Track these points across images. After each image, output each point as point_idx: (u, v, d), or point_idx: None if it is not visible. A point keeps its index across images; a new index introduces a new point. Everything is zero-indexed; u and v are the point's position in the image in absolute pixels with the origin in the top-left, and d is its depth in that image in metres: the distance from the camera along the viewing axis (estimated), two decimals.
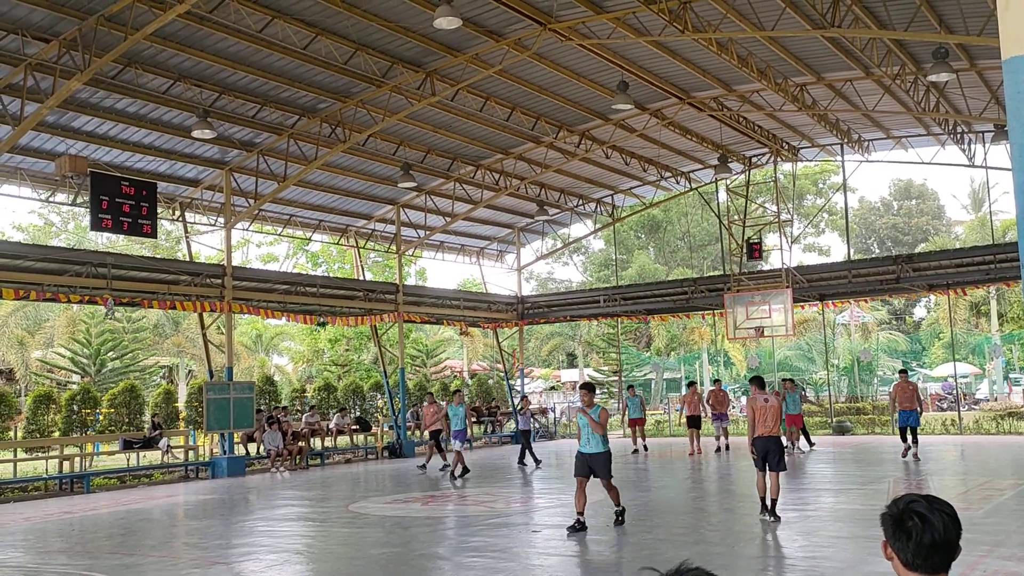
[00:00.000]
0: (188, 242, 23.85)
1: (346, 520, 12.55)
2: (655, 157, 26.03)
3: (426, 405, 20.63)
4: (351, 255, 31.52)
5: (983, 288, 34.25)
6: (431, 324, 33.64)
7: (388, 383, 26.61)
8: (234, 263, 22.64)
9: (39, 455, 20.66)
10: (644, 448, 22.50)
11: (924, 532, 2.30)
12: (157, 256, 33.70)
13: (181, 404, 25.61)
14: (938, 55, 16.25)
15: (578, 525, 10.25)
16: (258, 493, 16.74)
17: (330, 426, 24.33)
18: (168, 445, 20.51)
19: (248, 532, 11.95)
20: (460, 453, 17.62)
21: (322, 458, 23.16)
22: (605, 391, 44.14)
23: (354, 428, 25.00)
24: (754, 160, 27.23)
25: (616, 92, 18.77)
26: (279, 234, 28.89)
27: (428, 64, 18.20)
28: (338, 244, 28.95)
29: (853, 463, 18.69)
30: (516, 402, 31.03)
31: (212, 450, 21.66)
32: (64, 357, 33.13)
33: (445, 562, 9.03)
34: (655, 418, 34.51)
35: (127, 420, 21.80)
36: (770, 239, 30.82)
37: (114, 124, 18.20)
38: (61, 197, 20.64)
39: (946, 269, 24.66)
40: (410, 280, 39.17)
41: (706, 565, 2.02)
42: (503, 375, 32.48)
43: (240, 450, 22.08)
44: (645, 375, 45.71)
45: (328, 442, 24.21)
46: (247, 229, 26.35)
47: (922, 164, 26.71)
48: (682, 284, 29.34)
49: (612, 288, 30.94)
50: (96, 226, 18.11)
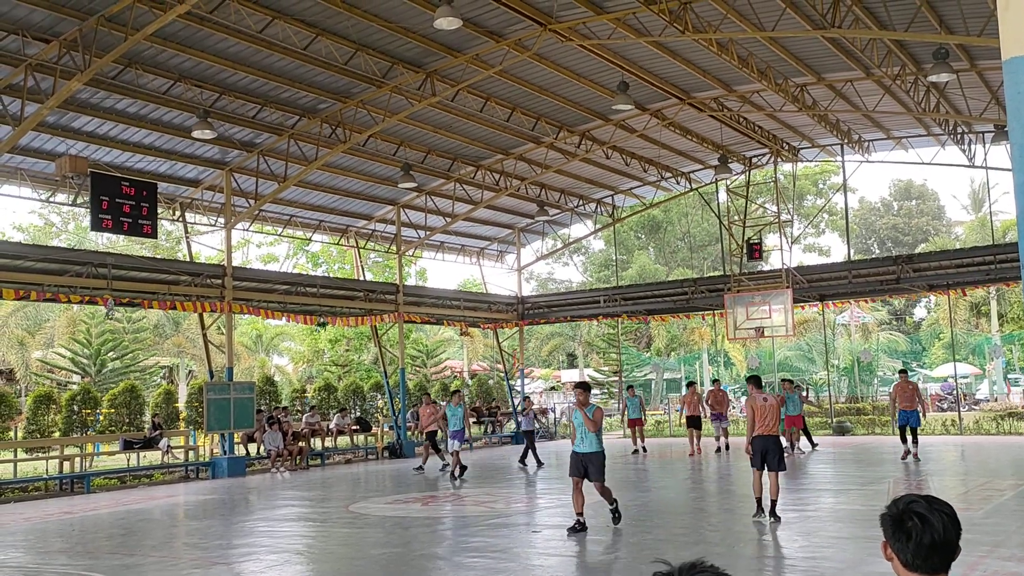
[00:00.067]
0: (188, 242, 23.88)
1: (346, 520, 12.56)
2: (655, 157, 26.03)
3: (423, 406, 20.63)
4: (351, 255, 31.52)
5: (983, 288, 34.28)
6: (431, 324, 33.65)
7: (388, 383, 26.62)
8: (234, 263, 22.66)
9: (39, 455, 20.67)
10: (643, 449, 22.48)
11: (924, 532, 2.31)
12: (157, 256, 33.72)
13: (181, 404, 25.62)
14: (938, 55, 16.25)
15: (578, 526, 10.25)
16: (258, 493, 16.74)
17: (330, 426, 24.34)
18: (168, 445, 20.51)
19: (248, 532, 11.95)
20: (454, 453, 17.63)
21: (322, 458, 23.17)
22: (605, 391, 44.16)
23: (354, 428, 25.01)
24: (754, 160, 27.24)
25: (616, 92, 18.77)
26: (279, 234, 28.91)
27: (428, 64, 18.21)
28: (338, 244, 28.96)
29: (853, 463, 18.69)
30: (516, 403, 31.04)
31: (212, 450, 21.67)
32: (64, 357, 33.14)
33: (445, 562, 9.03)
34: (655, 418, 34.51)
35: (127, 420, 21.81)
36: (770, 239, 30.83)
37: (114, 124, 18.21)
38: (61, 197, 20.65)
39: (946, 269, 24.67)
40: (410, 280, 39.18)
41: None
42: (503, 375, 32.49)
43: (240, 450, 22.09)
44: (645, 375, 45.71)
45: (328, 442, 24.22)
46: (247, 229, 26.36)
47: (922, 164, 26.78)
48: (682, 284, 29.34)
49: (612, 288, 30.94)
50: (96, 226, 18.12)
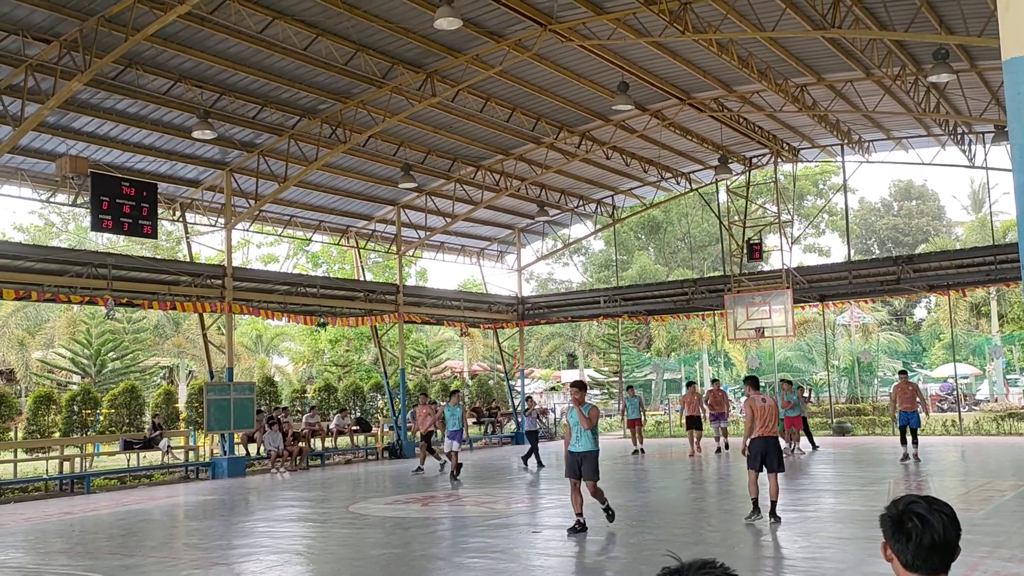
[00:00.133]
0: (188, 243, 23.88)
1: (346, 521, 12.56)
2: (655, 158, 26.03)
3: (419, 406, 20.59)
4: (351, 256, 31.52)
5: (983, 289, 34.28)
6: (431, 325, 33.66)
7: (388, 384, 26.62)
8: (234, 264, 22.66)
9: (39, 456, 20.68)
10: (641, 451, 22.51)
11: (924, 533, 2.30)
12: (157, 257, 33.73)
13: (181, 405, 25.62)
14: (938, 56, 16.25)
15: (578, 526, 10.26)
16: (258, 494, 16.74)
17: (330, 427, 24.33)
18: (168, 446, 20.51)
19: (248, 533, 11.95)
20: (452, 453, 17.53)
21: (322, 459, 23.17)
22: (605, 392, 44.17)
23: (354, 429, 25.00)
24: (754, 161, 27.24)
25: (616, 93, 18.77)
26: (279, 235, 28.92)
27: (428, 65, 18.21)
28: (338, 245, 28.96)
29: (853, 464, 18.69)
30: (516, 403, 31.04)
31: (212, 451, 21.67)
32: (64, 358, 33.14)
33: (445, 563, 9.02)
34: (655, 419, 34.52)
35: (127, 421, 21.82)
36: (770, 240, 30.83)
37: (115, 125, 18.21)
38: (61, 198, 20.65)
39: (946, 270, 24.66)
40: (410, 281, 39.19)
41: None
42: (503, 376, 32.48)
43: (240, 451, 22.08)
44: (645, 376, 45.72)
45: (328, 443, 24.21)
46: (247, 230, 26.37)
47: (922, 165, 26.79)
48: (682, 285, 29.32)
49: (612, 289, 30.93)
50: (96, 227, 18.12)
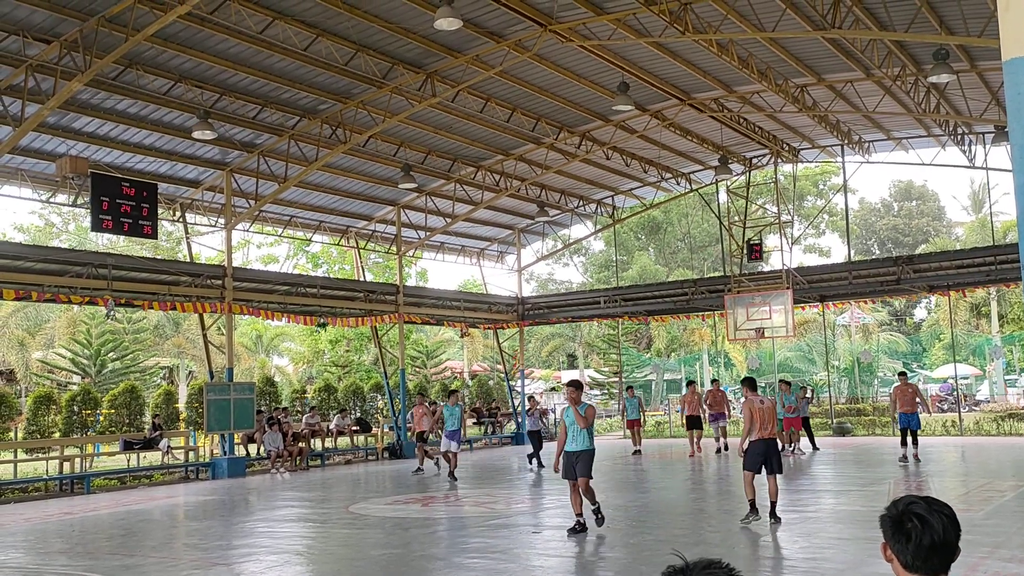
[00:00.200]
0: (188, 243, 23.89)
1: (346, 521, 12.56)
2: (655, 158, 26.03)
3: (416, 406, 20.54)
4: (351, 256, 31.52)
5: (983, 289, 34.28)
6: (431, 325, 33.66)
7: (388, 384, 26.62)
8: (234, 264, 22.66)
9: (39, 456, 20.68)
10: (638, 451, 22.53)
11: (923, 534, 2.30)
12: (158, 257, 33.74)
13: (181, 405, 25.62)
14: (939, 56, 16.24)
15: (578, 527, 10.26)
16: (258, 494, 16.74)
17: (330, 427, 24.33)
18: (168, 446, 20.51)
19: (248, 533, 11.95)
20: (451, 454, 17.46)
21: (322, 459, 23.16)
22: (605, 392, 44.17)
23: (354, 429, 25.00)
24: (754, 161, 27.23)
25: (617, 93, 18.76)
26: (279, 235, 28.92)
27: (429, 65, 18.21)
28: (338, 245, 28.96)
29: (853, 464, 18.69)
30: (516, 403, 31.03)
31: (212, 451, 21.66)
32: (64, 358, 33.16)
33: (445, 563, 9.02)
34: (655, 419, 34.52)
35: (127, 421, 21.82)
36: (770, 240, 30.81)
37: (115, 125, 18.21)
38: (62, 198, 20.64)
39: (946, 270, 24.65)
40: (410, 281, 39.19)
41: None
42: (503, 376, 32.48)
43: (240, 451, 22.08)
44: (645, 376, 45.71)
45: (328, 443, 24.20)
46: (247, 230, 26.38)
47: (922, 165, 26.77)
48: (682, 285, 29.30)
49: (612, 289, 30.92)
50: (97, 227, 18.11)
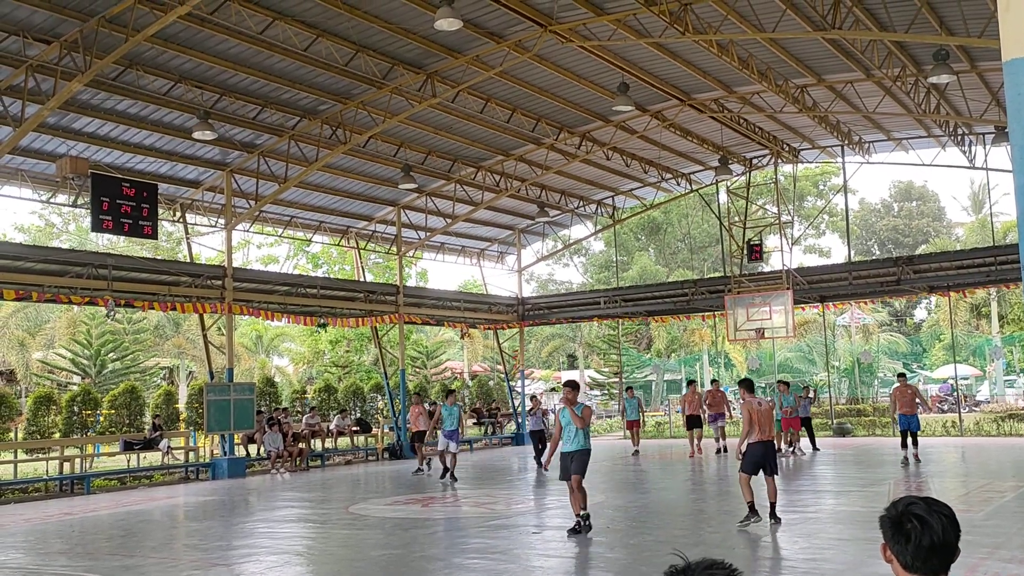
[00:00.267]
0: (189, 243, 23.90)
1: (346, 522, 12.56)
2: (656, 159, 26.03)
3: (412, 406, 20.51)
4: (352, 256, 31.51)
5: (983, 290, 34.27)
6: (431, 326, 33.65)
7: (388, 384, 26.62)
8: (235, 264, 22.65)
9: (39, 456, 20.68)
10: (636, 452, 22.53)
11: (923, 534, 2.30)
12: (158, 257, 33.73)
13: (182, 405, 25.62)
14: (939, 57, 16.25)
15: (578, 527, 10.26)
16: (258, 494, 16.74)
17: (330, 427, 24.32)
18: (168, 446, 20.51)
19: (248, 534, 11.95)
20: (449, 454, 17.36)
21: (322, 459, 23.16)
22: (606, 392, 44.17)
23: (354, 429, 24.99)
24: (755, 162, 27.23)
25: (617, 94, 18.76)
26: (280, 235, 28.91)
27: (429, 66, 18.21)
28: (339, 245, 28.95)
29: (854, 465, 18.69)
30: (516, 404, 31.02)
31: (212, 451, 21.66)
32: (65, 358, 33.16)
33: (445, 564, 9.02)
34: (655, 419, 34.52)
35: (127, 421, 21.81)
36: (770, 241, 30.80)
37: (115, 125, 18.21)
38: (62, 198, 20.64)
39: (946, 271, 24.65)
40: (411, 281, 39.18)
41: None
42: (503, 376, 32.48)
43: (240, 451, 22.07)
44: (645, 377, 45.71)
45: (328, 443, 24.20)
46: (248, 230, 26.38)
47: (922, 166, 26.73)
48: (682, 286, 29.29)
49: (612, 290, 30.92)
50: (97, 227, 18.12)
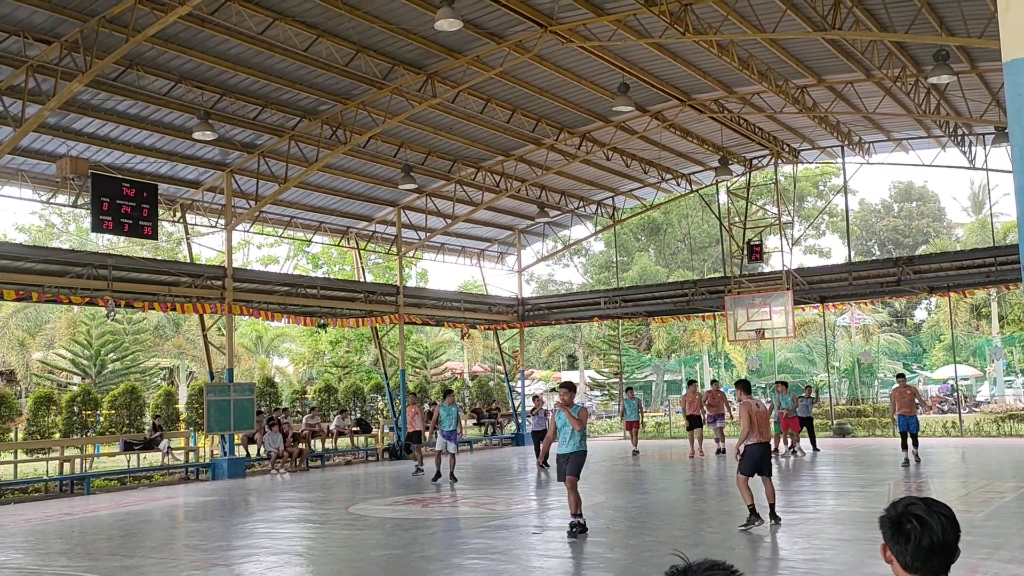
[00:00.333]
0: (189, 244, 23.91)
1: (346, 522, 12.56)
2: (656, 159, 26.03)
3: (409, 406, 20.49)
4: (352, 257, 31.51)
5: (984, 290, 34.27)
6: (432, 326, 33.64)
7: (388, 385, 26.62)
8: (235, 265, 22.65)
9: (39, 456, 20.68)
10: (634, 453, 22.53)
11: (922, 535, 2.30)
12: (158, 258, 33.74)
13: (182, 406, 25.62)
14: (939, 57, 16.25)
15: (578, 527, 10.26)
16: (258, 495, 16.74)
17: (330, 428, 24.32)
18: (168, 447, 20.51)
19: (248, 534, 11.94)
20: (448, 455, 17.30)
21: (322, 460, 23.16)
22: (605, 393, 44.16)
23: (355, 430, 25.00)
24: (755, 162, 27.24)
25: (617, 94, 18.76)
26: (280, 236, 28.90)
27: (429, 66, 18.21)
28: (339, 246, 28.95)
29: (854, 465, 18.69)
30: (516, 404, 31.01)
31: (212, 452, 21.66)
32: (65, 359, 33.17)
33: (445, 564, 9.02)
34: (655, 420, 34.52)
35: (128, 421, 21.81)
36: (771, 241, 30.81)
37: (115, 126, 18.22)
38: (62, 199, 20.64)
39: (947, 271, 24.65)
40: (411, 282, 39.18)
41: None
42: (504, 377, 32.48)
43: (240, 452, 22.07)
44: (646, 377, 45.71)
45: (328, 444, 24.20)
46: (248, 231, 26.38)
47: (922, 166, 26.74)
48: (682, 286, 29.29)
49: (613, 290, 30.93)
50: (97, 228, 18.12)
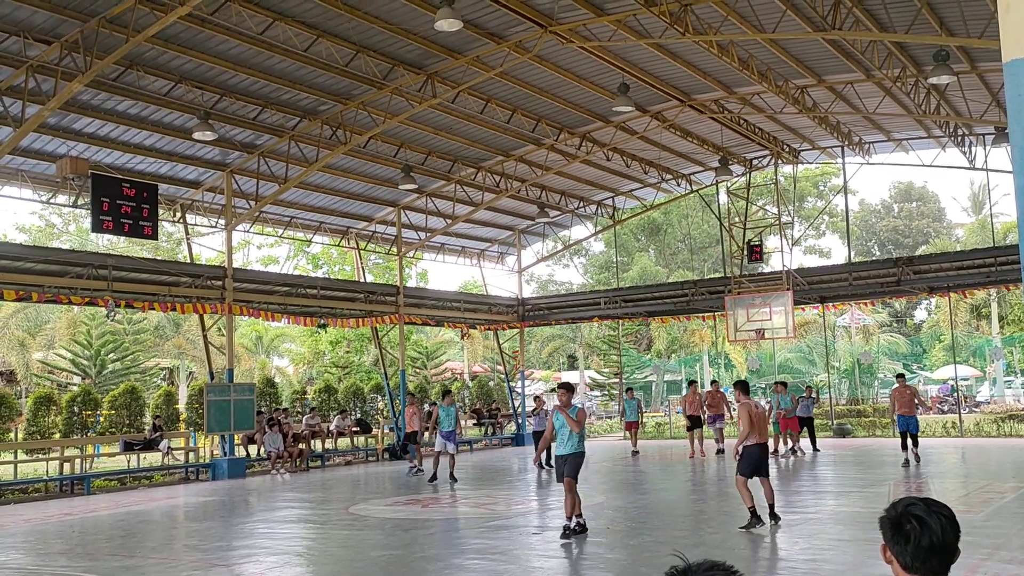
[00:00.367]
0: (189, 244, 23.91)
1: (346, 522, 12.56)
2: (656, 159, 26.03)
3: (407, 407, 20.47)
4: (352, 257, 31.51)
5: (983, 291, 34.27)
6: (432, 326, 33.64)
7: (388, 385, 26.62)
8: (235, 265, 22.65)
9: (40, 457, 20.68)
10: (634, 453, 22.53)
11: (922, 535, 2.30)
12: (158, 258, 33.74)
13: (182, 406, 25.62)
14: (939, 57, 16.25)
15: (578, 527, 10.26)
16: (258, 495, 16.73)
17: (330, 428, 24.32)
18: (168, 447, 20.51)
19: (248, 534, 11.94)
20: (447, 455, 17.30)
21: (322, 460, 23.16)
22: (606, 393, 44.15)
23: (355, 430, 25.00)
24: (755, 162, 27.23)
25: (617, 94, 18.76)
26: (280, 236, 28.90)
27: (429, 66, 18.21)
28: (339, 246, 28.96)
29: (854, 466, 18.69)
30: (516, 404, 31.01)
31: (212, 452, 21.66)
32: (65, 359, 33.16)
33: (445, 565, 9.02)
34: (655, 420, 34.51)
35: (128, 422, 21.81)
36: (771, 241, 30.81)
37: (115, 126, 18.22)
38: (62, 199, 20.64)
39: (946, 271, 24.64)
40: (411, 282, 39.18)
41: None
42: (504, 377, 32.48)
43: (240, 452, 22.06)
44: (646, 377, 45.71)
45: (328, 444, 24.20)
46: (248, 231, 26.37)
47: (922, 167, 26.73)
48: (683, 286, 29.29)
49: (613, 290, 30.93)
50: (97, 228, 18.12)
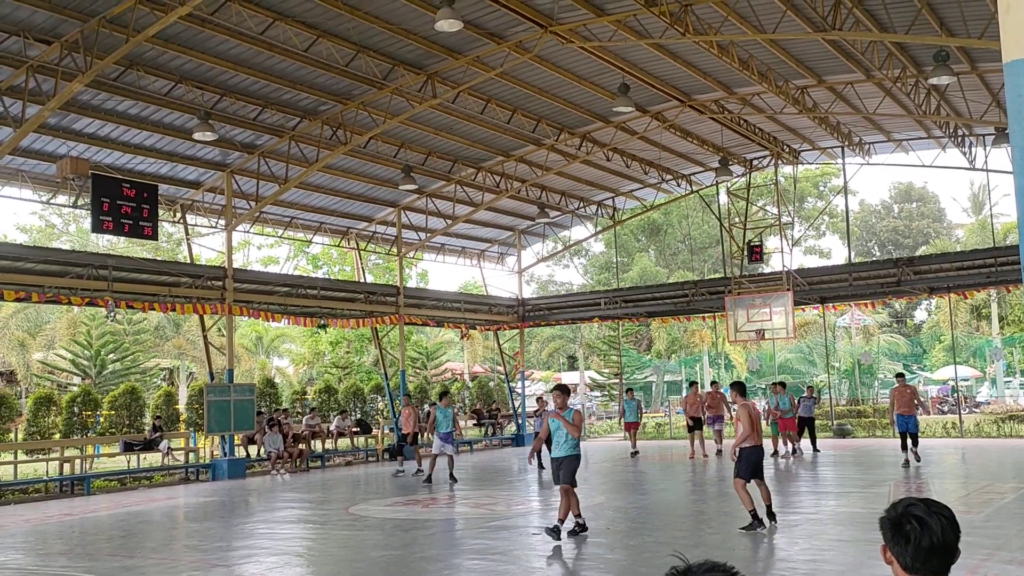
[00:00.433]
0: (189, 244, 23.92)
1: (346, 523, 12.55)
2: (656, 160, 26.03)
3: (404, 407, 20.44)
4: (352, 257, 31.52)
5: (984, 291, 34.27)
6: (432, 327, 33.64)
7: (389, 385, 26.62)
8: (235, 265, 22.65)
9: (40, 457, 20.67)
10: (633, 453, 22.53)
11: (922, 536, 2.30)
12: (158, 258, 33.75)
13: (182, 406, 25.61)
14: (939, 58, 16.25)
15: (578, 528, 10.27)
16: (258, 495, 16.73)
17: (331, 428, 24.31)
18: (168, 447, 20.51)
19: (248, 535, 11.94)
20: (445, 456, 17.25)
21: (322, 460, 23.15)
22: (606, 394, 44.15)
23: (355, 430, 24.99)
24: (755, 163, 27.24)
25: (617, 95, 18.76)
26: (280, 236, 28.90)
27: (429, 66, 18.21)
28: (339, 246, 28.97)
29: (854, 466, 18.69)
30: (516, 405, 31.01)
31: (212, 452, 21.66)
32: (65, 359, 33.16)
33: (445, 565, 9.02)
34: (655, 421, 34.52)
35: (128, 422, 21.80)
36: (771, 242, 30.79)
37: (115, 126, 18.22)
38: (62, 199, 20.65)
39: (947, 272, 24.64)
40: (411, 282, 39.18)
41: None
42: (504, 378, 32.47)
43: (240, 452, 22.06)
44: (646, 378, 45.70)
45: (328, 444, 24.20)
46: (248, 231, 26.37)
47: (923, 167, 26.73)
48: (683, 287, 29.28)
49: (613, 291, 30.93)
50: (97, 228, 18.12)
